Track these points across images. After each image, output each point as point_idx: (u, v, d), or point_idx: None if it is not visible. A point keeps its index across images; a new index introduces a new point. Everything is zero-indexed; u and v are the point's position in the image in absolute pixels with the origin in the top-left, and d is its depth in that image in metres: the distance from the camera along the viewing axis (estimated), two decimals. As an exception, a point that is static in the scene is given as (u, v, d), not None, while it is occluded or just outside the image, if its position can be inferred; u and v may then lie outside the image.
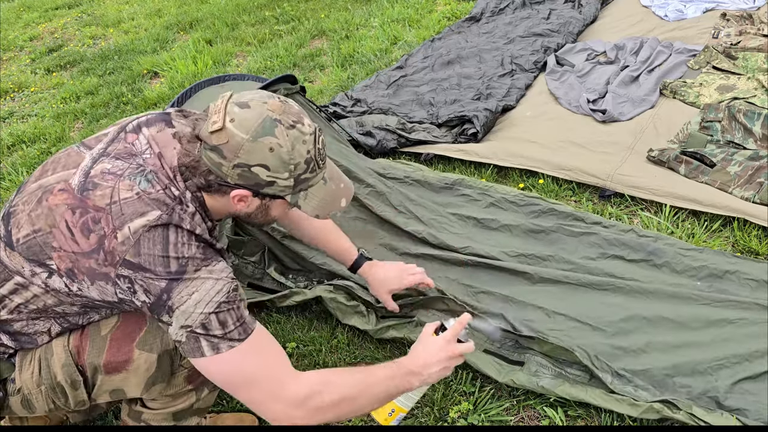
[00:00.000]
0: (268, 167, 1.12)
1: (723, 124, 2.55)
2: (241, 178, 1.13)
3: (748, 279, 1.84)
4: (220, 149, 1.10)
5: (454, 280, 1.98)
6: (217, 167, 1.13)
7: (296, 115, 1.15)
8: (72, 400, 1.28)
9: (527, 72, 3.32)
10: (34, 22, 6.37)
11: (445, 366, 1.29)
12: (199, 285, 1.11)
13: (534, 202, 2.25)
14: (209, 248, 1.16)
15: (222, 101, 1.13)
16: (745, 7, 3.82)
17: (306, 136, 1.15)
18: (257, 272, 2.02)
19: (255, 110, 1.11)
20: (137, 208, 1.11)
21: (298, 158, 1.14)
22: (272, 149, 1.11)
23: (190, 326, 1.11)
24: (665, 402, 1.47)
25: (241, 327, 1.15)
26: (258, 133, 1.10)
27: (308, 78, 3.99)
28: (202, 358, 1.13)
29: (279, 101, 1.15)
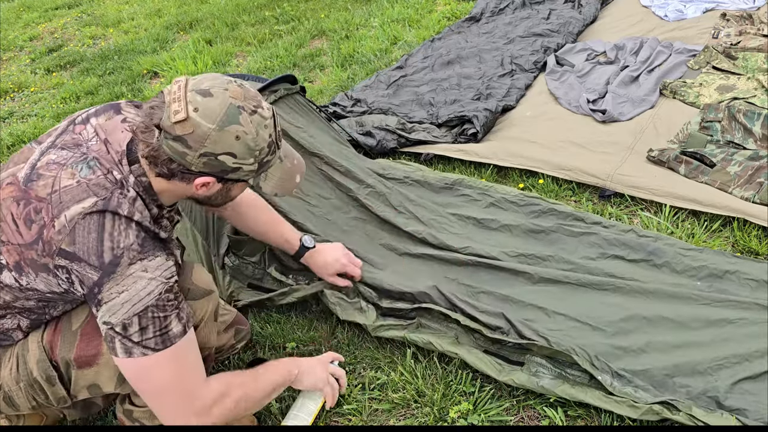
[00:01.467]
0: (234, 155, 1.12)
1: (723, 124, 2.55)
2: (207, 166, 1.13)
3: (748, 279, 1.84)
4: (184, 139, 1.09)
5: (454, 279, 1.97)
6: (180, 156, 1.11)
7: (255, 99, 1.16)
8: (51, 396, 1.28)
9: (527, 72, 3.32)
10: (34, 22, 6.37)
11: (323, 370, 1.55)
12: (130, 284, 1.10)
13: (534, 202, 2.25)
14: (149, 239, 1.15)
15: (179, 88, 1.11)
16: (745, 7, 3.82)
17: (267, 120, 1.16)
18: (257, 272, 2.02)
19: (218, 98, 1.10)
20: (74, 195, 1.10)
21: (262, 143, 1.15)
22: (238, 137, 1.11)
23: (111, 324, 1.11)
24: (665, 403, 1.47)
25: (161, 337, 1.14)
26: (224, 122, 1.09)
27: (308, 78, 3.99)
28: (115, 357, 1.15)
29: (237, 86, 1.14)
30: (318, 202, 2.20)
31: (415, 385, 1.69)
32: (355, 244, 2.11)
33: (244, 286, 2.00)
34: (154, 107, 1.12)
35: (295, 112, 2.36)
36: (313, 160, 2.27)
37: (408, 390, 1.68)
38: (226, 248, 2.03)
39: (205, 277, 1.43)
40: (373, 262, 2.04)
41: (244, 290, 2.00)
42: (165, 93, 1.12)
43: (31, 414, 1.47)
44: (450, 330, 1.78)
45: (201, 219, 2.04)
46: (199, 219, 2.04)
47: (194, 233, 2.03)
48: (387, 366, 1.77)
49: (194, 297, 1.38)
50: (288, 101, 2.35)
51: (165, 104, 1.10)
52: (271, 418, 1.65)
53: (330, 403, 1.58)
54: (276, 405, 1.64)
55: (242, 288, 2.00)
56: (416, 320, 1.81)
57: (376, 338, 1.83)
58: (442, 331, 1.78)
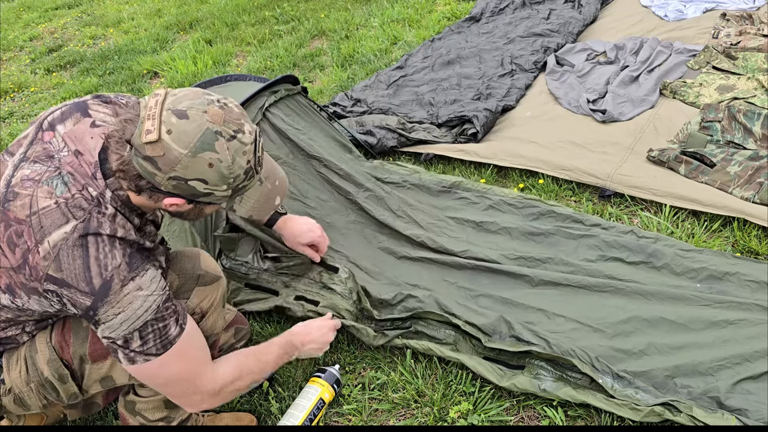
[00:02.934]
0: (206, 181, 1.08)
1: (723, 124, 2.55)
2: (176, 188, 1.09)
3: (748, 280, 1.84)
4: (154, 161, 1.05)
5: (453, 283, 1.97)
6: (149, 175, 1.07)
7: (236, 123, 1.09)
8: (63, 394, 1.29)
9: (527, 72, 3.32)
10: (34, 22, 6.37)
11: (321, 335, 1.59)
12: (125, 305, 1.09)
13: (533, 204, 2.25)
14: (136, 253, 1.12)
15: (156, 104, 1.05)
16: (745, 7, 3.82)
17: (246, 146, 1.10)
18: (252, 272, 2.01)
19: (194, 121, 1.05)
20: (55, 220, 1.07)
21: (238, 171, 1.10)
22: (212, 164, 1.06)
23: (112, 338, 1.13)
24: (666, 404, 1.47)
25: (161, 343, 1.16)
26: (197, 149, 1.04)
27: (308, 78, 3.99)
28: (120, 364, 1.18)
29: (218, 107, 1.08)
30: (317, 204, 2.20)
31: (415, 385, 1.69)
32: (353, 247, 2.12)
33: (241, 285, 2.00)
34: (127, 121, 1.09)
35: (295, 114, 2.36)
36: (312, 162, 2.27)
37: (408, 390, 1.68)
38: (219, 250, 2.03)
39: (213, 263, 1.44)
40: (369, 270, 2.04)
41: (242, 290, 1.99)
42: (141, 106, 1.08)
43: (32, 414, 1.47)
44: (448, 337, 1.77)
45: (200, 220, 2.04)
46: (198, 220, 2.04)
47: (193, 234, 2.03)
48: (387, 366, 1.77)
49: (205, 283, 1.39)
50: (289, 102, 2.35)
51: (139, 119, 1.06)
52: (270, 418, 1.65)
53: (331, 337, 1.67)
54: (276, 405, 1.64)
55: (240, 288, 2.00)
56: (413, 328, 1.81)
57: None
58: (440, 339, 1.78)
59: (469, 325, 1.73)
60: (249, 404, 1.71)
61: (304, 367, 1.79)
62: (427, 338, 1.79)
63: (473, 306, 1.85)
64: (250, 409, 1.69)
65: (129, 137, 1.07)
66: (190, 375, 1.25)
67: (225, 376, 1.30)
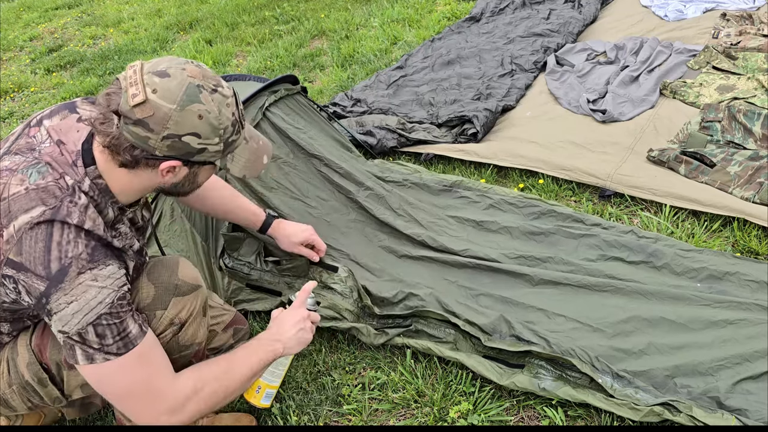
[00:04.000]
0: (199, 135, 1.10)
1: (723, 124, 2.55)
2: (171, 149, 1.10)
3: (748, 280, 1.84)
4: (145, 122, 1.06)
5: (453, 282, 1.97)
6: (142, 141, 1.08)
7: (215, 79, 1.13)
8: (45, 397, 1.28)
9: (527, 72, 3.32)
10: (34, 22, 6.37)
11: (300, 328, 1.40)
12: (78, 294, 1.07)
13: (533, 203, 2.25)
14: (101, 247, 1.11)
15: (135, 72, 1.07)
16: (745, 7, 3.82)
17: (228, 98, 1.14)
18: (254, 273, 2.01)
19: (176, 78, 1.08)
20: (23, 204, 1.07)
21: (226, 122, 1.13)
22: (201, 116, 1.09)
23: (67, 333, 1.09)
24: (666, 404, 1.48)
25: (122, 341, 1.11)
26: (184, 102, 1.07)
27: (308, 78, 3.99)
28: (76, 365, 1.12)
29: (195, 66, 1.12)
30: (317, 203, 2.20)
31: (415, 385, 1.69)
32: (354, 246, 2.11)
33: (242, 286, 2.00)
34: (110, 93, 1.09)
35: (295, 113, 2.36)
36: (313, 161, 2.27)
37: (408, 390, 1.68)
38: (222, 249, 2.03)
39: (192, 272, 1.39)
40: (370, 267, 2.04)
41: (243, 290, 1.99)
42: (120, 79, 1.08)
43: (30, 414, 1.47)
44: (448, 336, 1.77)
45: (200, 220, 2.04)
46: (198, 220, 2.03)
47: (194, 234, 2.03)
48: (387, 366, 1.77)
49: (182, 293, 1.34)
50: (289, 102, 2.35)
51: (122, 90, 1.07)
52: (271, 418, 1.65)
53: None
54: (276, 405, 1.64)
55: (241, 288, 2.00)
56: (413, 326, 1.81)
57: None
58: (440, 337, 1.78)
59: (468, 325, 1.73)
60: (249, 404, 1.70)
61: (305, 367, 1.80)
62: (427, 337, 1.79)
63: (473, 305, 1.85)
64: (250, 409, 1.69)
65: (115, 108, 1.07)
66: (152, 385, 1.17)
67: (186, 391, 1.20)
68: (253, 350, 1.33)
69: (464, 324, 1.73)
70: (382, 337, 1.78)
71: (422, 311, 1.79)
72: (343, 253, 2.06)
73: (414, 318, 1.82)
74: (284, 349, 1.37)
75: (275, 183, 2.15)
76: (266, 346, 1.34)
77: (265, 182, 2.13)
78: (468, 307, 1.82)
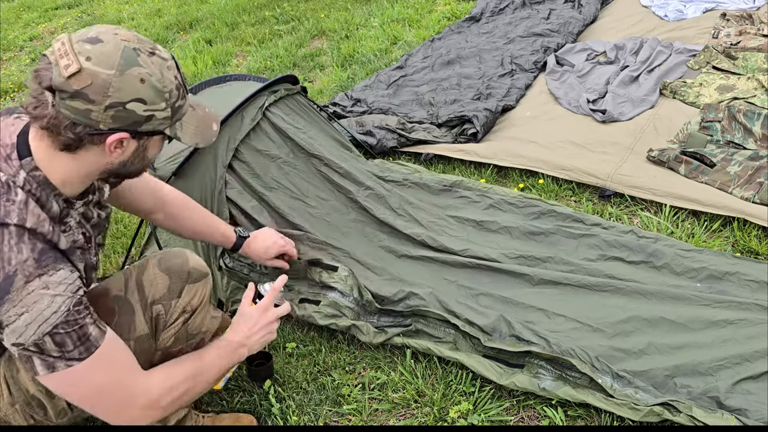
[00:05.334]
0: (144, 100, 1.02)
1: (723, 124, 2.55)
2: (116, 120, 1.02)
3: (748, 280, 1.84)
4: (84, 93, 0.97)
5: (453, 281, 1.97)
6: (83, 116, 0.99)
7: (150, 43, 1.07)
8: (51, 410, 1.23)
9: (527, 72, 3.32)
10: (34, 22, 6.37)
11: (267, 332, 1.38)
12: (30, 304, 0.98)
13: (533, 203, 2.25)
14: (48, 250, 1.03)
15: (63, 44, 0.99)
16: (745, 7, 3.82)
17: (168, 61, 1.07)
18: (253, 274, 2.01)
19: (110, 43, 1.00)
20: None
21: (170, 85, 1.06)
22: (143, 80, 1.01)
23: (22, 344, 1.01)
24: (666, 404, 1.47)
25: (83, 346, 1.05)
26: (123, 66, 0.99)
27: (308, 78, 3.99)
28: (36, 376, 1.05)
29: (126, 30, 1.04)
30: (317, 203, 2.20)
31: (415, 385, 1.69)
32: (354, 245, 2.11)
33: (241, 287, 2.00)
34: (39, 70, 0.99)
35: (295, 113, 2.36)
36: (313, 161, 2.27)
37: (408, 390, 1.68)
38: (222, 250, 2.03)
39: (200, 260, 1.42)
40: (370, 266, 2.04)
41: (243, 291, 1.99)
42: (48, 54, 1.00)
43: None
44: (448, 335, 1.77)
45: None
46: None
47: (194, 234, 2.03)
48: (387, 366, 1.77)
49: (195, 279, 1.36)
50: (288, 102, 2.35)
51: (52, 64, 0.98)
52: (271, 418, 1.65)
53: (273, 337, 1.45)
54: (276, 405, 1.64)
55: (240, 289, 2.00)
56: (413, 326, 1.81)
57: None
58: (440, 337, 1.78)
59: (468, 325, 1.73)
60: (249, 404, 1.71)
61: (305, 367, 1.80)
62: (427, 337, 1.79)
63: (473, 305, 1.85)
64: (250, 409, 1.69)
65: (48, 84, 0.98)
66: (122, 383, 1.12)
67: (159, 385, 1.17)
68: (224, 354, 1.31)
69: (464, 324, 1.73)
70: (381, 337, 1.78)
71: (422, 311, 1.79)
72: (343, 253, 2.06)
73: (414, 318, 1.82)
74: (248, 352, 1.37)
75: (275, 183, 2.15)
76: (234, 352, 1.33)
77: (265, 182, 2.13)
78: (468, 307, 1.82)
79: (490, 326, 1.72)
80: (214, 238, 1.74)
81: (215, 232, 1.72)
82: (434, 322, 1.80)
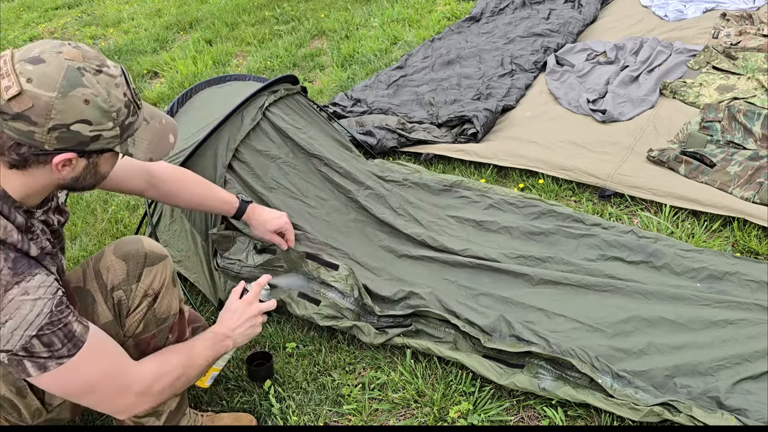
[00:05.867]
0: (89, 121, 1.00)
1: (723, 124, 2.55)
2: (61, 141, 1.00)
3: (748, 280, 1.84)
4: (25, 116, 0.96)
5: (453, 281, 1.97)
6: (27, 137, 0.97)
7: (98, 59, 1.03)
8: (25, 411, 1.23)
9: (527, 72, 3.32)
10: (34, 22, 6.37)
11: (251, 325, 1.41)
12: (12, 311, 0.99)
13: (533, 203, 2.25)
14: (21, 258, 1.03)
15: (4, 62, 0.97)
16: (745, 7, 3.82)
17: (117, 78, 1.04)
18: (244, 271, 2.00)
19: (52, 63, 0.97)
20: None
21: (117, 103, 1.03)
22: (87, 101, 0.99)
23: (11, 350, 1.02)
24: (666, 404, 1.47)
25: (71, 343, 1.06)
26: (65, 88, 0.97)
27: (308, 78, 3.99)
28: (28, 378, 1.06)
29: (72, 47, 1.01)
30: (317, 203, 2.20)
31: (415, 385, 1.69)
32: (354, 245, 2.11)
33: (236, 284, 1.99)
34: None
35: (295, 113, 2.36)
36: (313, 161, 2.27)
37: (408, 390, 1.68)
38: (214, 249, 2.03)
39: (156, 244, 1.42)
40: (370, 267, 2.04)
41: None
42: None
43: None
44: (448, 335, 1.77)
45: (201, 221, 2.03)
46: (198, 221, 2.03)
47: (194, 235, 2.03)
48: (387, 366, 1.77)
49: (153, 262, 1.36)
50: (288, 101, 2.35)
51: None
52: (271, 418, 1.65)
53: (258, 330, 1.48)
54: (277, 405, 1.64)
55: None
56: (413, 326, 1.81)
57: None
58: (440, 337, 1.78)
59: (468, 326, 1.73)
60: (249, 404, 1.71)
61: (305, 367, 1.80)
62: (427, 337, 1.79)
63: (473, 305, 1.85)
64: (249, 409, 1.69)
65: None
66: (114, 372, 1.14)
67: (152, 371, 1.20)
68: (210, 345, 1.34)
69: (464, 325, 1.73)
70: (382, 337, 1.78)
71: (423, 311, 1.79)
72: (343, 253, 2.06)
73: (414, 318, 1.82)
74: (233, 344, 1.40)
75: (275, 183, 2.15)
76: (220, 342, 1.36)
77: (265, 182, 2.13)
78: (468, 307, 1.82)
79: (490, 326, 1.73)
80: (215, 206, 1.74)
81: (215, 201, 1.72)
82: (434, 322, 1.80)
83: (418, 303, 1.83)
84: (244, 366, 1.78)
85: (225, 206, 1.74)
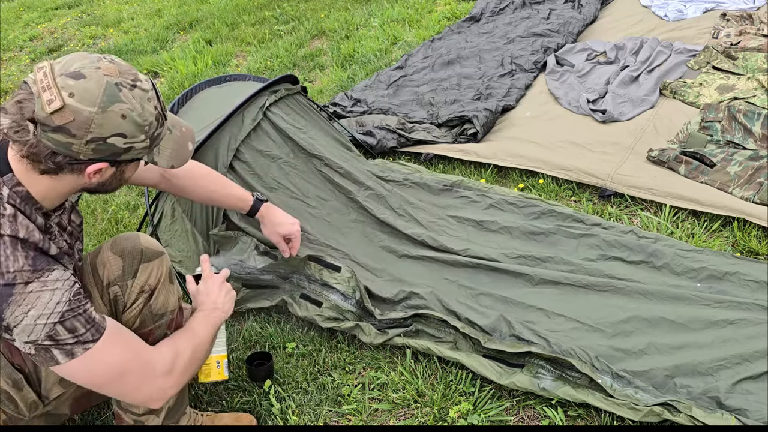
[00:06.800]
0: (124, 135, 1.06)
1: (723, 124, 2.55)
2: (96, 152, 1.06)
3: (748, 280, 1.84)
4: (66, 129, 1.01)
5: (453, 281, 1.97)
6: (64, 147, 1.03)
7: (131, 73, 1.09)
8: (22, 403, 1.24)
9: (527, 72, 3.32)
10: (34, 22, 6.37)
11: (226, 292, 1.46)
12: (33, 301, 1.04)
13: (533, 203, 2.25)
14: (40, 255, 1.08)
15: (45, 75, 1.01)
16: (745, 7, 3.82)
17: (149, 92, 1.10)
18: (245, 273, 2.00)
19: (92, 78, 1.02)
20: None
21: (150, 117, 1.09)
22: (124, 116, 1.05)
23: (35, 340, 1.06)
24: (666, 404, 1.48)
25: (93, 328, 1.11)
26: (105, 103, 1.02)
27: (308, 78, 3.99)
28: (57, 366, 1.09)
29: (108, 62, 1.07)
30: (317, 203, 2.20)
31: (415, 385, 1.69)
32: (354, 245, 2.11)
33: (239, 285, 1.99)
34: (21, 101, 1.02)
35: (295, 113, 2.36)
36: (313, 161, 2.27)
37: (408, 390, 1.68)
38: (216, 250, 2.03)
39: (153, 240, 1.43)
40: (370, 267, 2.04)
41: (240, 290, 1.99)
42: (30, 83, 1.03)
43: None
44: (448, 335, 1.77)
45: (201, 221, 2.04)
46: (199, 221, 2.03)
47: (194, 234, 2.03)
48: (387, 366, 1.77)
49: (149, 258, 1.37)
50: (289, 101, 2.35)
51: (34, 95, 1.01)
52: (271, 418, 1.65)
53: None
54: (277, 405, 1.64)
55: (239, 288, 1.99)
56: (413, 326, 1.81)
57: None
58: (440, 337, 1.78)
59: (468, 326, 1.73)
60: (249, 404, 1.71)
61: (305, 367, 1.80)
62: (427, 337, 1.79)
63: (474, 305, 1.85)
64: (249, 409, 1.69)
65: (30, 116, 1.01)
66: (137, 354, 1.18)
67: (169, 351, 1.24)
68: (204, 320, 1.37)
69: (464, 326, 1.73)
70: (382, 337, 1.78)
71: (423, 312, 1.79)
72: (344, 254, 2.06)
73: (414, 318, 1.82)
74: (224, 314, 1.43)
75: (275, 183, 2.15)
76: (211, 315, 1.39)
77: (265, 182, 2.13)
78: (468, 307, 1.82)
79: (490, 326, 1.73)
80: (229, 202, 1.76)
81: (229, 197, 1.75)
82: (434, 322, 1.80)
83: (418, 303, 1.84)
84: (244, 366, 1.78)
85: (239, 203, 1.76)
